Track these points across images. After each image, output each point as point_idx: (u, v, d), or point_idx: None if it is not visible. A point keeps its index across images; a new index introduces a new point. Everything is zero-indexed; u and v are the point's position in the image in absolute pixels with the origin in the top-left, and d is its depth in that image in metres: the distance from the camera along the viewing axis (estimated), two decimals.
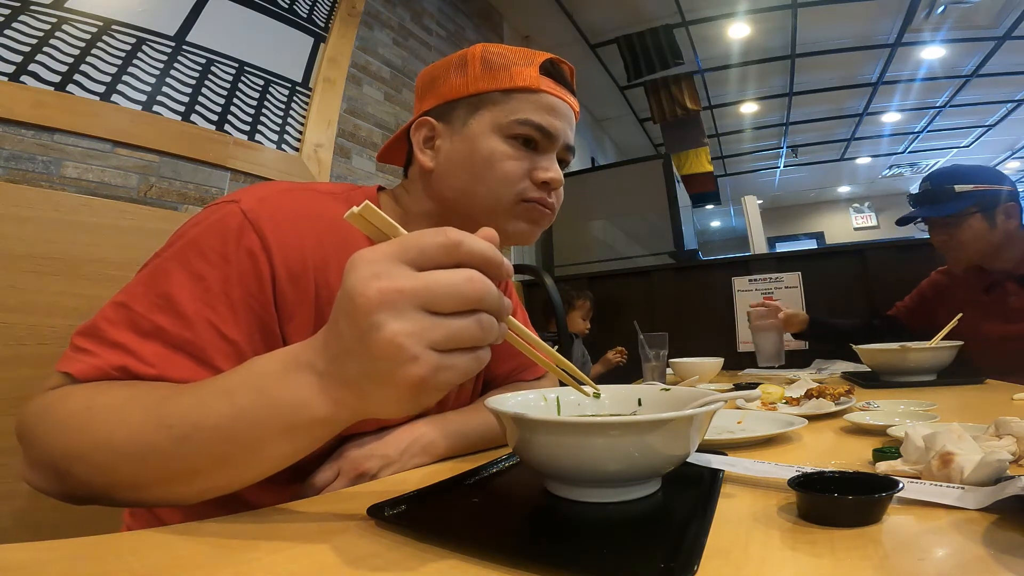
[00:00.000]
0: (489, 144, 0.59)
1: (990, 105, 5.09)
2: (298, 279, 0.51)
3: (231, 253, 0.48)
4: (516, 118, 0.59)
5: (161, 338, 0.44)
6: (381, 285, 0.29)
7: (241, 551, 0.31)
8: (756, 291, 2.03)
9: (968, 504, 0.34)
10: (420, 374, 0.29)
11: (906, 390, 1.01)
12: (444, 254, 0.30)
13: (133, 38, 1.39)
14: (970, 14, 3.58)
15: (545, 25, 3.53)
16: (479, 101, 0.60)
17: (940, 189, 1.32)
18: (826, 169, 7.00)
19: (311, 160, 1.81)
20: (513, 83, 0.59)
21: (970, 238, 1.28)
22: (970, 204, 1.26)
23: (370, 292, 0.29)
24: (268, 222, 0.50)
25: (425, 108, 0.64)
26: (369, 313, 0.29)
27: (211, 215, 0.50)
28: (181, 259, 0.47)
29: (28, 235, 0.69)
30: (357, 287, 0.29)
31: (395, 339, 0.28)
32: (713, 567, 0.28)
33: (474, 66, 0.60)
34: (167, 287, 0.45)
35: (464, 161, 0.60)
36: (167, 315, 0.44)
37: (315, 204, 0.56)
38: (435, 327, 0.29)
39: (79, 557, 0.30)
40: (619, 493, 0.38)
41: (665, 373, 1.29)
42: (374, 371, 0.30)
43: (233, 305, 0.47)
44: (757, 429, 0.64)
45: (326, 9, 1.98)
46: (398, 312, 0.29)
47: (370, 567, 0.29)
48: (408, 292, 0.29)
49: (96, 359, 0.42)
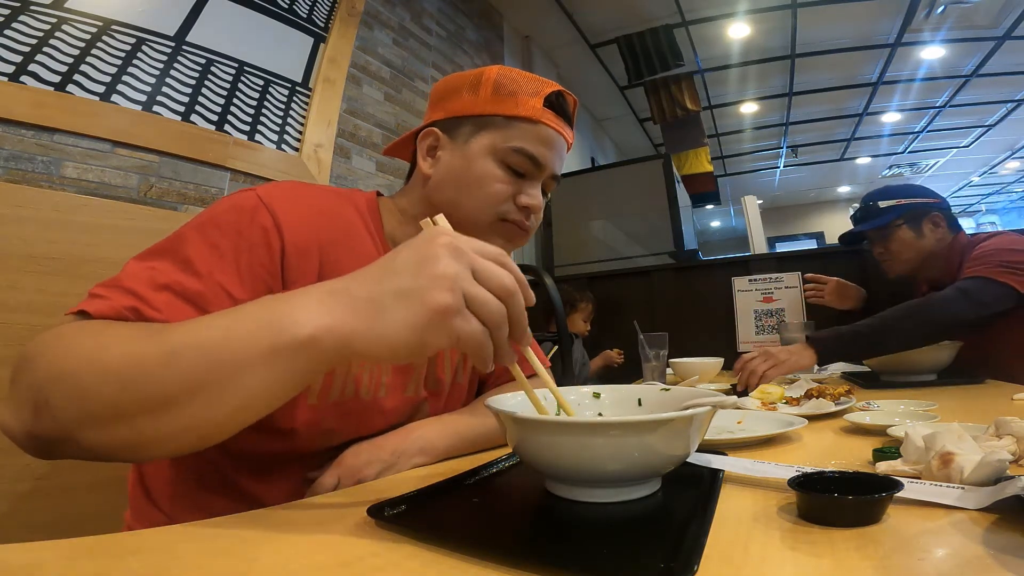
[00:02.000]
0: (483, 165, 0.63)
1: (990, 105, 5.09)
2: (304, 255, 0.55)
3: (244, 227, 0.52)
4: (512, 145, 0.63)
5: (173, 290, 0.46)
6: (452, 240, 0.37)
7: (241, 551, 0.31)
8: (756, 291, 2.02)
9: (968, 504, 0.34)
10: (448, 302, 0.34)
11: (906, 390, 1.02)
12: (494, 257, 0.38)
13: (133, 38, 1.39)
14: (970, 14, 3.58)
15: (545, 25, 3.53)
16: (484, 122, 0.64)
17: (869, 206, 1.47)
18: (826, 169, 7.00)
19: (311, 160, 1.81)
20: (516, 111, 0.63)
21: (899, 248, 1.41)
22: (895, 217, 1.40)
23: (443, 239, 0.37)
24: (280, 204, 0.55)
25: (435, 118, 0.68)
26: (435, 247, 0.37)
27: (230, 199, 0.55)
28: (200, 231, 0.51)
29: (28, 235, 0.69)
30: (434, 234, 0.38)
31: (447, 269, 0.35)
32: (713, 567, 0.28)
33: (486, 88, 0.65)
34: (186, 252, 0.49)
35: (458, 175, 0.64)
36: (183, 273, 0.48)
37: (323, 196, 0.62)
38: (473, 284, 0.36)
39: (79, 557, 0.30)
40: (619, 493, 0.38)
41: (665, 373, 1.29)
42: (412, 287, 0.35)
43: (240, 270, 0.51)
44: (757, 429, 0.64)
45: (326, 9, 1.98)
46: (457, 258, 0.36)
47: (370, 567, 0.29)
48: (468, 254, 0.37)
49: (109, 301, 0.43)
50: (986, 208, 8.99)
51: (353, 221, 0.63)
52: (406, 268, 0.36)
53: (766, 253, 2.58)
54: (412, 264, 0.36)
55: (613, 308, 2.42)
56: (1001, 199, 8.56)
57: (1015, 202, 8.61)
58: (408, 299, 0.35)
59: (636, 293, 2.39)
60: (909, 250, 1.39)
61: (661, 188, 3.08)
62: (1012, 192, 8.19)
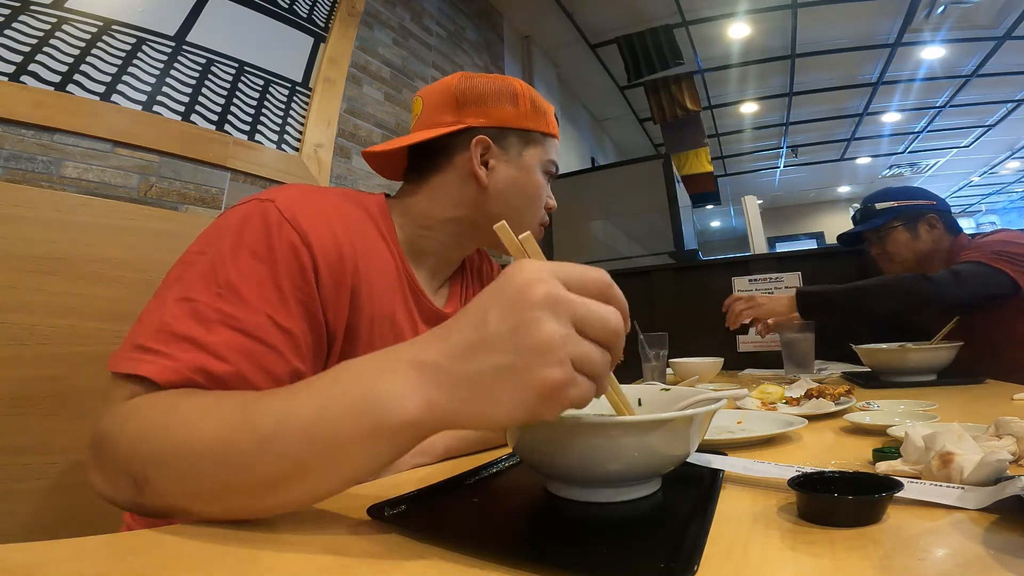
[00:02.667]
0: (536, 177, 0.72)
1: (990, 105, 5.09)
2: (335, 267, 0.55)
3: (275, 246, 0.51)
4: (550, 159, 0.73)
5: (228, 324, 0.45)
6: (548, 288, 0.31)
7: (241, 551, 0.31)
8: (756, 291, 2.02)
9: (968, 504, 0.34)
10: (558, 378, 0.30)
11: (906, 390, 1.01)
12: (598, 291, 0.33)
13: (133, 38, 1.39)
14: (970, 14, 3.58)
15: (545, 25, 3.53)
16: (529, 137, 0.71)
17: (866, 208, 1.49)
18: (826, 169, 7.00)
19: (311, 160, 1.81)
20: (549, 129, 0.73)
21: (895, 249, 1.43)
22: (891, 218, 1.42)
23: (538, 290, 0.31)
24: (304, 218, 0.54)
25: (473, 123, 0.68)
26: (534, 307, 0.30)
27: (249, 213, 0.53)
28: (233, 253, 0.49)
29: (28, 235, 0.69)
30: (526, 284, 0.31)
31: (552, 337, 0.30)
32: (713, 567, 0.28)
33: (524, 103, 0.70)
34: (227, 277, 0.47)
35: (520, 187, 0.70)
36: (230, 303, 0.46)
37: (336, 203, 0.61)
38: (580, 342, 0.31)
39: (79, 557, 0.30)
40: (619, 493, 0.38)
41: (665, 373, 1.29)
42: (514, 365, 0.30)
43: (284, 297, 0.50)
44: (757, 429, 0.64)
45: (326, 9, 1.98)
46: (557, 316, 0.31)
47: (370, 567, 0.29)
48: (569, 303, 0.31)
49: (171, 362, 0.42)
50: (986, 208, 9.00)
51: (366, 226, 0.63)
52: (502, 338, 0.31)
53: (766, 253, 2.58)
54: (509, 332, 0.31)
55: None
56: (1001, 199, 8.56)
57: (1015, 202, 8.61)
58: (513, 379, 0.30)
59: (636, 293, 2.39)
60: (905, 251, 1.41)
61: (661, 188, 3.08)
62: (1012, 192, 8.19)
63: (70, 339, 0.70)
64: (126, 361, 0.42)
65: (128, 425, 0.39)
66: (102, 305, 0.73)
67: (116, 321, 0.73)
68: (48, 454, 0.66)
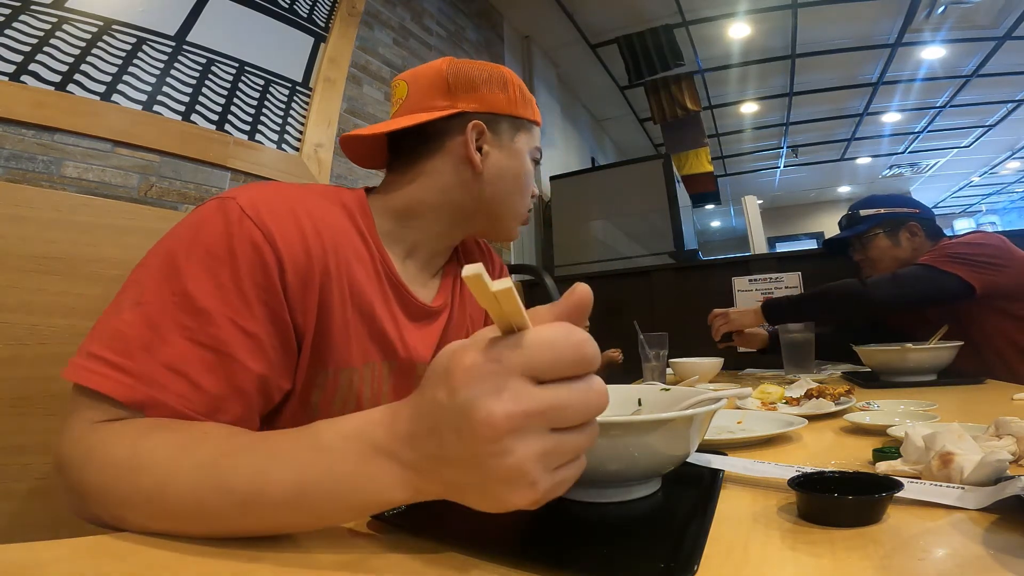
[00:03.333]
0: (527, 163, 0.72)
1: (990, 105, 5.09)
2: (302, 266, 0.52)
3: (236, 245, 0.48)
4: (536, 146, 0.74)
5: (185, 335, 0.44)
6: (508, 409, 0.25)
7: (242, 551, 0.31)
8: (756, 291, 2.02)
9: (968, 504, 0.34)
10: (534, 498, 0.27)
11: (906, 390, 1.01)
12: (572, 364, 0.27)
13: (133, 38, 1.39)
14: (970, 14, 3.58)
15: (545, 25, 3.53)
16: (519, 124, 0.71)
17: (852, 215, 1.55)
18: (826, 169, 7.00)
19: (311, 160, 1.81)
20: (534, 117, 0.73)
21: (877, 255, 1.48)
22: (873, 225, 1.48)
23: (496, 417, 0.25)
24: (267, 214, 0.51)
25: (464, 108, 0.66)
26: (496, 440, 0.25)
27: (208, 211, 0.50)
28: (190, 255, 0.47)
29: (28, 235, 0.69)
30: (480, 409, 0.25)
31: (521, 467, 0.26)
32: (713, 567, 0.28)
33: (514, 90, 0.70)
34: (183, 283, 0.45)
35: (512, 172, 0.70)
36: (187, 312, 0.44)
37: (308, 200, 0.58)
38: (559, 446, 0.27)
39: (78, 557, 0.30)
40: (619, 493, 0.38)
41: (665, 373, 1.29)
42: (483, 487, 0.27)
43: (247, 299, 0.47)
44: (757, 429, 0.64)
45: (326, 9, 1.98)
46: (526, 436, 0.26)
47: (370, 568, 0.29)
48: (539, 415, 0.26)
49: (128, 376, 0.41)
50: (986, 208, 8.99)
51: (341, 223, 0.61)
52: (468, 464, 0.27)
53: (766, 253, 2.59)
54: (471, 460, 0.27)
55: (613, 308, 2.42)
56: (1002, 199, 8.56)
57: (1015, 202, 8.61)
58: (485, 496, 0.28)
59: (636, 293, 2.39)
60: (886, 257, 1.46)
61: (661, 188, 3.08)
62: (1012, 192, 8.19)
63: (70, 339, 0.69)
64: (83, 372, 0.41)
65: (91, 461, 0.38)
66: (102, 305, 0.72)
67: None
68: (48, 454, 0.66)
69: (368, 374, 0.60)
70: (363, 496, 0.30)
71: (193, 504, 0.33)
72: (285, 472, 0.32)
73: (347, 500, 0.31)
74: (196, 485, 0.33)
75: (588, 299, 0.30)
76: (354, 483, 0.30)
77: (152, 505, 0.35)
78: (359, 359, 0.59)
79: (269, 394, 0.51)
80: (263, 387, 0.49)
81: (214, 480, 0.33)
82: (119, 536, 0.34)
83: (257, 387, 0.48)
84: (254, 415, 0.50)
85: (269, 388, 0.50)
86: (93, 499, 0.37)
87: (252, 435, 0.37)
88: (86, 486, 0.38)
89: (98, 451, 0.38)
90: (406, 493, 0.30)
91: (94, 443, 0.39)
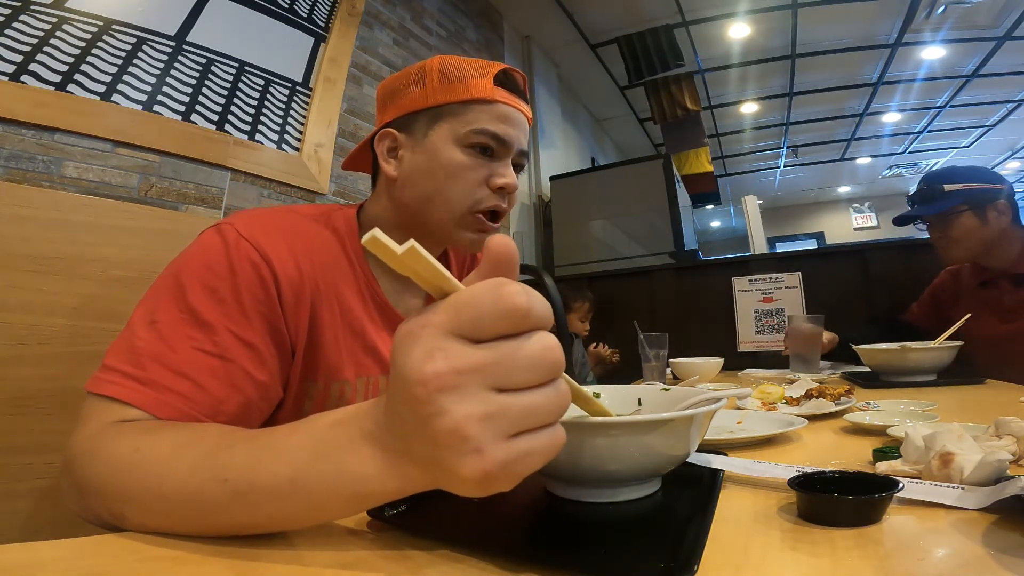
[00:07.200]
0: (448, 154, 0.62)
1: (990, 105, 5.09)
2: (295, 283, 0.56)
3: (236, 265, 0.53)
4: (473, 128, 0.62)
5: (193, 346, 0.48)
6: (437, 367, 0.25)
7: (242, 551, 0.31)
8: (756, 291, 2.02)
9: (968, 504, 0.34)
10: (484, 469, 0.25)
11: (906, 390, 1.01)
12: (510, 322, 0.25)
13: (133, 38, 1.39)
14: (970, 14, 3.58)
15: (545, 25, 3.53)
16: (438, 113, 0.63)
17: (931, 188, 1.38)
18: (826, 169, 7.00)
19: (311, 160, 1.81)
20: (469, 95, 0.62)
21: (961, 235, 1.32)
22: (959, 202, 1.31)
23: (426, 376, 0.25)
24: (261, 236, 0.55)
25: (387, 120, 0.67)
26: (429, 401, 0.25)
27: (208, 237, 0.55)
28: (193, 276, 0.51)
29: (28, 235, 0.69)
30: (411, 370, 0.25)
31: (459, 428, 0.24)
32: (713, 567, 0.28)
33: (432, 79, 0.63)
34: (188, 301, 0.50)
35: (425, 171, 0.63)
36: (194, 327, 0.49)
37: (299, 224, 0.62)
38: (508, 408, 0.25)
39: (78, 557, 0.30)
40: (619, 493, 0.38)
41: (665, 373, 1.29)
42: (438, 457, 0.26)
43: (246, 312, 0.52)
44: (757, 429, 0.64)
45: (326, 9, 1.98)
46: (463, 395, 0.25)
47: (370, 568, 0.29)
48: (474, 371, 0.25)
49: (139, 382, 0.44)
50: None
51: (329, 245, 0.63)
52: (419, 429, 0.26)
53: (766, 253, 2.59)
54: (419, 425, 0.26)
55: (613, 308, 2.42)
56: None
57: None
58: (445, 469, 0.26)
59: (636, 293, 2.39)
60: (971, 238, 1.31)
61: (661, 188, 3.08)
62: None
63: (70, 339, 0.70)
64: (97, 382, 0.45)
65: (95, 459, 0.39)
66: (102, 305, 0.73)
67: (116, 321, 0.73)
68: (48, 454, 0.66)
69: (362, 387, 0.63)
70: (353, 483, 0.30)
71: (190, 495, 0.34)
72: (279, 461, 0.32)
73: (338, 488, 0.30)
74: (193, 476, 0.34)
75: (507, 249, 0.27)
76: (343, 467, 0.30)
77: (150, 497, 0.35)
78: (352, 372, 0.62)
79: (270, 400, 0.55)
80: (263, 393, 0.53)
81: (211, 471, 0.34)
82: (120, 536, 0.34)
83: (258, 392, 0.52)
84: (255, 419, 0.53)
85: (269, 395, 0.54)
86: (94, 495, 0.38)
87: (251, 430, 0.38)
88: (88, 482, 0.39)
89: (103, 448, 0.40)
90: (395, 480, 0.29)
91: (100, 441, 0.41)
